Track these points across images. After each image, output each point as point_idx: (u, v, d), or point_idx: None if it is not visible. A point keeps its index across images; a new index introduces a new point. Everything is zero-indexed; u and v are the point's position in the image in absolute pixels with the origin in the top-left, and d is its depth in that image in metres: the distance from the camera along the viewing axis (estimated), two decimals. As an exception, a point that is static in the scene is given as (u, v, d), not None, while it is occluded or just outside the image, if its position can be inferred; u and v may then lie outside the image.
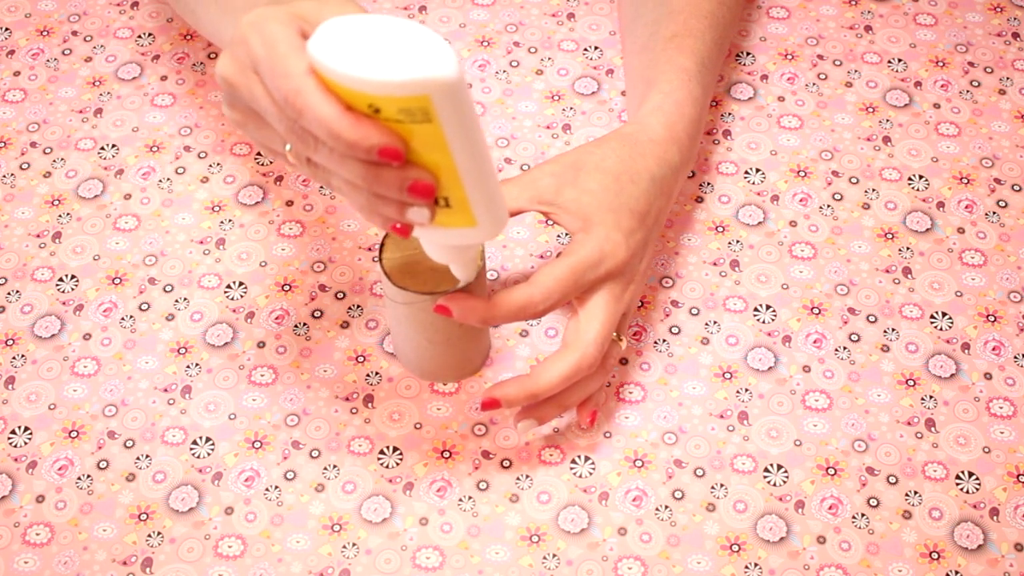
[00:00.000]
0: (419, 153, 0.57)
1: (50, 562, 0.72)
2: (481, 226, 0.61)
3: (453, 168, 0.57)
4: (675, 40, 0.81)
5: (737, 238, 0.84)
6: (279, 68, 0.56)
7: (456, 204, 0.59)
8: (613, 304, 0.71)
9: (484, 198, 0.59)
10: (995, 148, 0.88)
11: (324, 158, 0.58)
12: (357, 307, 0.81)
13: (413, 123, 0.55)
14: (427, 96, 0.53)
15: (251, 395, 0.78)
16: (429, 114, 0.54)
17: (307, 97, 0.55)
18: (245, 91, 0.59)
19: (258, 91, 0.58)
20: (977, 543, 0.72)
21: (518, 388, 0.70)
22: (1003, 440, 0.76)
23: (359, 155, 0.56)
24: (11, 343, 0.80)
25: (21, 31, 0.97)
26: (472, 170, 0.57)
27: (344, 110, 0.55)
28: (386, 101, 0.54)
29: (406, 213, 0.59)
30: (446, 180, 0.58)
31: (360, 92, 0.54)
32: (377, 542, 0.72)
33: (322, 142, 0.57)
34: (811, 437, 0.76)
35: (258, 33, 0.57)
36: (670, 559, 0.71)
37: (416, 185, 0.57)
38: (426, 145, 0.56)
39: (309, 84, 0.55)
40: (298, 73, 0.55)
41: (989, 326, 0.80)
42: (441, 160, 0.57)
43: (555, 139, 0.89)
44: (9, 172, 0.88)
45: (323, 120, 0.55)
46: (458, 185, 0.58)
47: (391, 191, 0.58)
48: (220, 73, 0.60)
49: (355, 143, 0.55)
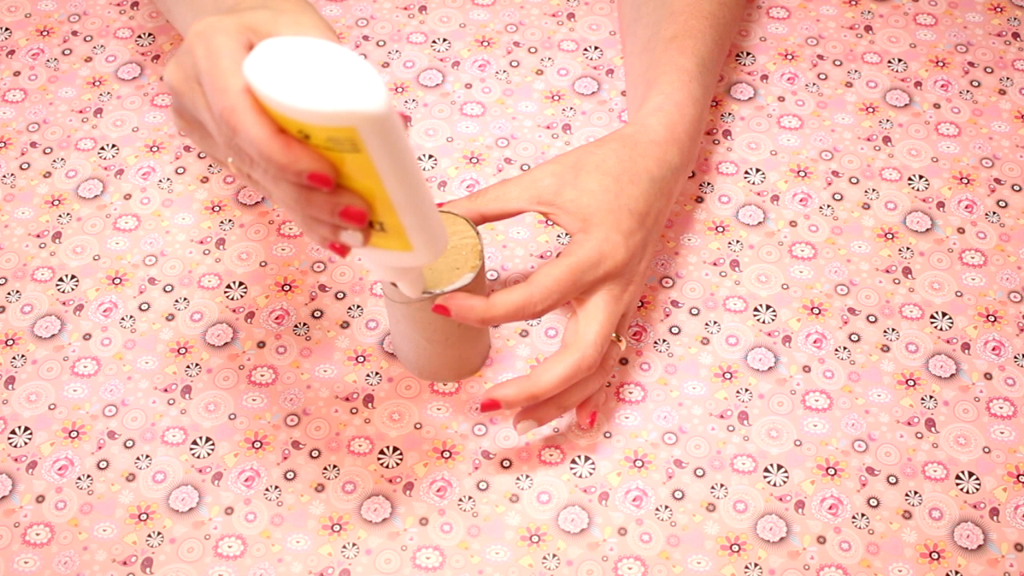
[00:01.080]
0: (351, 179, 0.57)
1: (50, 562, 0.72)
2: (417, 251, 0.61)
3: (386, 196, 0.57)
4: (675, 41, 0.81)
5: (737, 238, 0.84)
6: (218, 83, 0.55)
7: (391, 229, 0.59)
8: (612, 305, 0.71)
9: (418, 225, 0.59)
10: (995, 148, 0.88)
11: (260, 176, 0.58)
12: (357, 307, 0.81)
13: (342, 151, 0.55)
14: (353, 128, 0.53)
15: (251, 395, 0.78)
16: (357, 144, 0.54)
17: (240, 117, 0.55)
18: (189, 101, 0.59)
19: (200, 102, 0.58)
20: (977, 543, 0.72)
21: (518, 389, 0.70)
22: (1003, 440, 0.76)
23: (289, 179, 0.56)
24: (11, 343, 0.80)
25: (21, 31, 0.97)
26: (404, 199, 0.57)
27: (275, 133, 0.55)
28: (314, 129, 0.54)
29: (340, 235, 0.59)
30: (380, 207, 0.58)
31: (289, 118, 0.54)
32: (377, 542, 0.72)
33: (257, 161, 0.57)
34: (811, 437, 0.76)
35: (204, 44, 0.57)
36: (670, 559, 0.71)
37: (347, 211, 0.57)
38: (357, 172, 0.56)
39: (244, 103, 0.55)
40: (235, 91, 0.55)
41: (989, 326, 0.80)
42: (373, 187, 0.57)
43: (555, 139, 0.89)
44: (9, 172, 0.88)
45: (254, 141, 0.55)
46: (391, 212, 0.58)
47: (323, 214, 0.57)
48: (167, 80, 0.60)
49: (284, 167, 0.55)
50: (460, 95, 0.92)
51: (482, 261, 0.71)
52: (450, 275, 0.71)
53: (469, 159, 0.88)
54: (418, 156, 0.88)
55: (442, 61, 0.94)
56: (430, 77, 0.93)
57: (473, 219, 0.74)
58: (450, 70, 0.93)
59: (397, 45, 0.95)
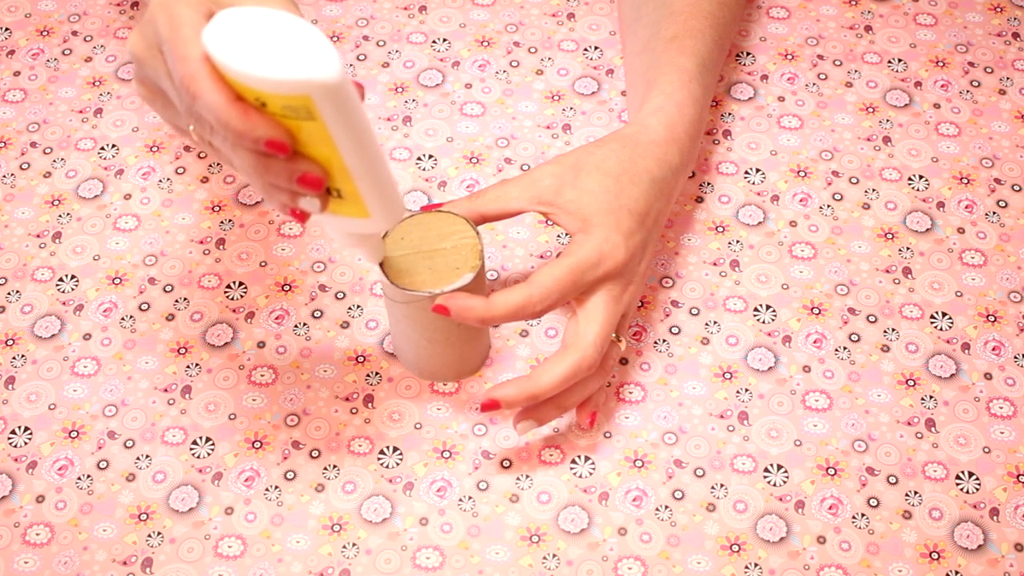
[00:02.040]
0: (308, 146, 0.58)
1: (50, 562, 0.72)
2: (374, 217, 0.63)
3: (342, 163, 0.59)
4: (675, 41, 0.81)
5: (737, 238, 0.84)
6: (179, 51, 0.57)
7: (348, 196, 0.61)
8: (612, 305, 0.71)
9: (375, 192, 0.61)
10: (995, 148, 0.88)
11: (219, 143, 0.59)
12: (357, 307, 0.81)
13: (298, 119, 0.56)
14: (308, 96, 0.54)
15: (251, 395, 0.78)
16: (312, 112, 0.55)
17: (199, 84, 0.56)
18: (151, 68, 0.61)
19: (162, 70, 0.60)
20: (977, 543, 0.72)
21: (518, 389, 0.70)
22: (1003, 440, 0.76)
23: (247, 145, 0.57)
24: (11, 343, 0.80)
25: (21, 31, 0.97)
26: (360, 166, 0.59)
27: (232, 100, 0.56)
28: (270, 97, 0.55)
29: (298, 202, 0.61)
30: (336, 174, 0.60)
31: (245, 85, 0.55)
32: (377, 542, 0.72)
33: (216, 128, 0.58)
34: (811, 437, 0.76)
35: (166, 13, 0.58)
36: (670, 559, 0.71)
37: (304, 177, 0.59)
38: (313, 140, 0.57)
39: (202, 71, 0.56)
40: (194, 58, 0.56)
41: (989, 326, 0.80)
42: (329, 155, 0.58)
43: (555, 139, 0.89)
44: (9, 172, 0.88)
45: (212, 108, 0.56)
46: (348, 179, 0.60)
47: (280, 181, 0.59)
48: (130, 48, 0.61)
49: (242, 133, 0.56)
50: (460, 95, 0.92)
51: (482, 261, 0.71)
52: (450, 275, 0.71)
53: (469, 159, 0.88)
54: (418, 156, 0.88)
55: (442, 61, 0.94)
56: (430, 77, 0.93)
57: (473, 219, 0.74)
58: (450, 70, 0.93)
59: (397, 45, 0.95)
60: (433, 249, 0.72)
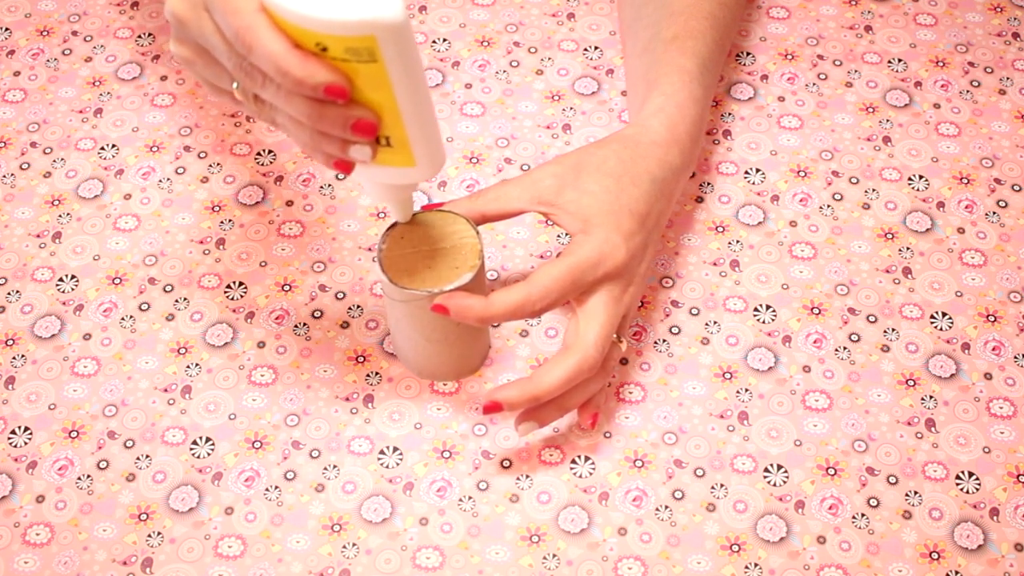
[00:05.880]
0: (363, 92, 0.59)
1: (50, 562, 0.72)
2: (420, 166, 0.63)
3: (395, 108, 0.59)
4: (676, 41, 0.81)
5: (737, 238, 0.84)
6: (231, 5, 0.57)
7: (397, 144, 0.61)
8: (613, 306, 0.71)
9: (424, 139, 0.61)
10: (995, 148, 0.89)
11: (271, 95, 0.59)
12: (357, 307, 0.81)
13: (359, 62, 0.56)
14: (373, 36, 0.55)
15: (251, 395, 0.78)
16: (374, 54, 0.56)
17: (257, 33, 0.56)
18: (195, 28, 0.61)
19: (208, 28, 0.60)
20: (977, 543, 0.72)
21: (519, 391, 0.70)
22: (1003, 440, 0.76)
23: (305, 92, 0.57)
24: (11, 343, 0.80)
25: (21, 31, 0.97)
26: (413, 111, 0.59)
27: (292, 47, 0.56)
28: (333, 40, 0.55)
29: (348, 150, 0.61)
30: (388, 120, 0.60)
31: (308, 30, 0.55)
32: (377, 542, 0.72)
33: (270, 79, 0.58)
34: (811, 437, 0.76)
35: None
36: (670, 559, 0.71)
37: (359, 123, 0.59)
38: (370, 84, 0.58)
39: (259, 21, 0.56)
40: (249, 10, 0.56)
41: (989, 326, 0.80)
42: (384, 100, 0.59)
43: (555, 139, 0.89)
44: (9, 172, 0.88)
45: (271, 56, 0.56)
46: (399, 125, 0.60)
47: (335, 128, 0.59)
48: (171, 10, 0.61)
49: (301, 80, 0.57)
50: (460, 95, 0.92)
51: (482, 261, 0.71)
52: (449, 274, 0.71)
53: (469, 159, 0.88)
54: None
55: (442, 61, 0.94)
56: (430, 77, 0.93)
57: (473, 219, 0.74)
58: (450, 70, 0.93)
59: (397, 45, 0.95)
60: (433, 249, 0.72)
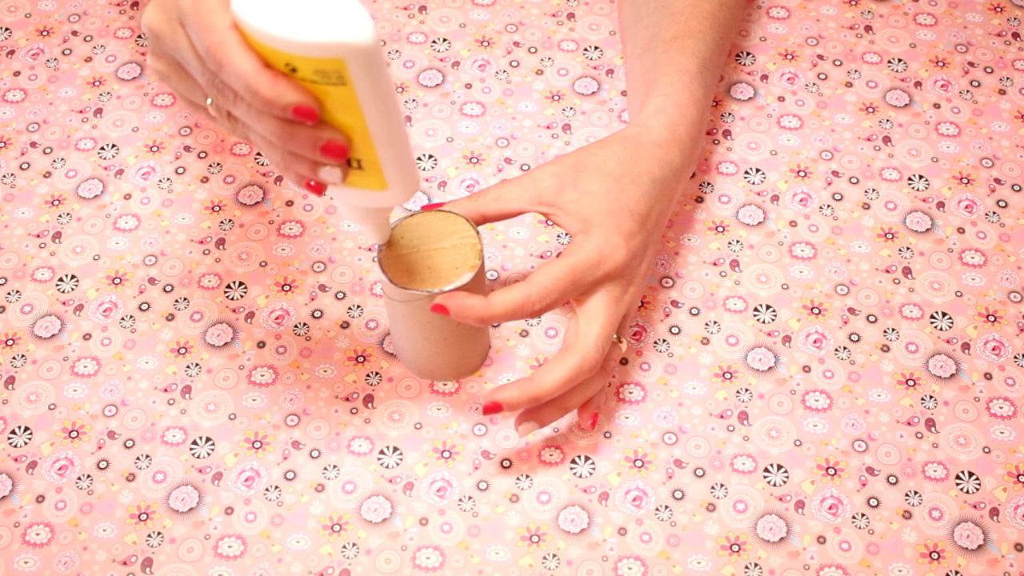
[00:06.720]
0: (334, 114, 0.58)
1: (50, 562, 0.72)
2: (392, 190, 0.63)
3: (366, 131, 0.59)
4: (676, 41, 0.81)
5: (737, 238, 0.84)
6: (204, 21, 0.57)
7: (368, 167, 0.61)
8: (613, 306, 0.71)
9: (395, 162, 0.61)
10: (995, 148, 0.88)
11: (242, 113, 0.59)
12: (357, 307, 0.81)
13: (328, 84, 0.56)
14: (341, 59, 0.54)
15: (251, 395, 0.78)
16: (343, 77, 0.55)
17: (228, 51, 0.56)
18: (170, 42, 0.61)
19: (182, 43, 0.60)
20: (977, 543, 0.72)
21: (520, 392, 0.70)
22: (1003, 440, 0.76)
23: (274, 112, 0.57)
24: (11, 343, 0.80)
25: (21, 31, 0.97)
26: (384, 134, 0.59)
27: (262, 66, 0.56)
28: (302, 61, 0.55)
29: (319, 172, 0.61)
30: (359, 143, 0.59)
31: (278, 50, 0.55)
32: (377, 542, 0.72)
33: (241, 97, 0.58)
34: (811, 437, 0.76)
35: None
36: (670, 559, 0.71)
37: (329, 145, 0.59)
38: (340, 107, 0.57)
39: (231, 38, 0.56)
40: (221, 27, 0.56)
41: (989, 326, 0.80)
42: (354, 123, 0.58)
43: (555, 139, 0.89)
44: (9, 172, 0.88)
45: (241, 75, 0.56)
46: (371, 148, 0.60)
47: (304, 150, 0.59)
48: (146, 23, 0.61)
49: (271, 100, 0.56)
50: (460, 95, 0.92)
51: (482, 261, 0.71)
52: (449, 274, 0.71)
53: (469, 159, 0.88)
54: (418, 156, 0.88)
55: (442, 61, 0.94)
56: (430, 77, 0.93)
57: (473, 219, 0.74)
58: (450, 70, 0.93)
59: (397, 45, 0.95)
60: (433, 249, 0.72)
